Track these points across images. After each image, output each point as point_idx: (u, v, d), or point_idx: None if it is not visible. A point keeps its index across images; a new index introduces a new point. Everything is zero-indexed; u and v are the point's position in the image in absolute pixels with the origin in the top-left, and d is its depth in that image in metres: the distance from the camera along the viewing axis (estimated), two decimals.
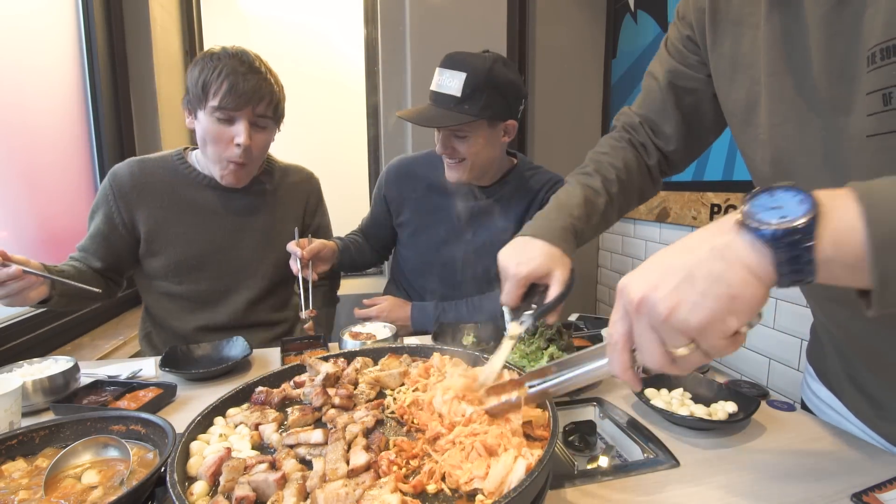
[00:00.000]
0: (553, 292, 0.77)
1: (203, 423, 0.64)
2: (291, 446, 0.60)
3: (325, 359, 0.81)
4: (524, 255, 0.79)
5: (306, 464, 0.58)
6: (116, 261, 1.27)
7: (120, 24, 1.92)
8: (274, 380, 0.78)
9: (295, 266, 1.23)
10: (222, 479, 0.52)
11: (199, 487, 0.52)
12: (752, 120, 0.70)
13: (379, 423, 0.66)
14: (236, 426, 0.66)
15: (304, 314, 1.21)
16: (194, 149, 1.35)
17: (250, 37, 2.69)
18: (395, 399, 0.71)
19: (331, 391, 0.71)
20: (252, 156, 1.23)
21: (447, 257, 1.45)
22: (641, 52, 2.31)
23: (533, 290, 0.81)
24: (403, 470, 0.55)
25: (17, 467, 0.61)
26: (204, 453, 0.58)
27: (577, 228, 0.85)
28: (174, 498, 0.47)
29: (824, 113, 0.59)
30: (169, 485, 0.49)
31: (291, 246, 1.24)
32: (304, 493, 0.52)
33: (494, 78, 1.24)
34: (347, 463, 0.55)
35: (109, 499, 0.51)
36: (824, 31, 0.56)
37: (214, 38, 2.50)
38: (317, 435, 0.60)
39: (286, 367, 0.80)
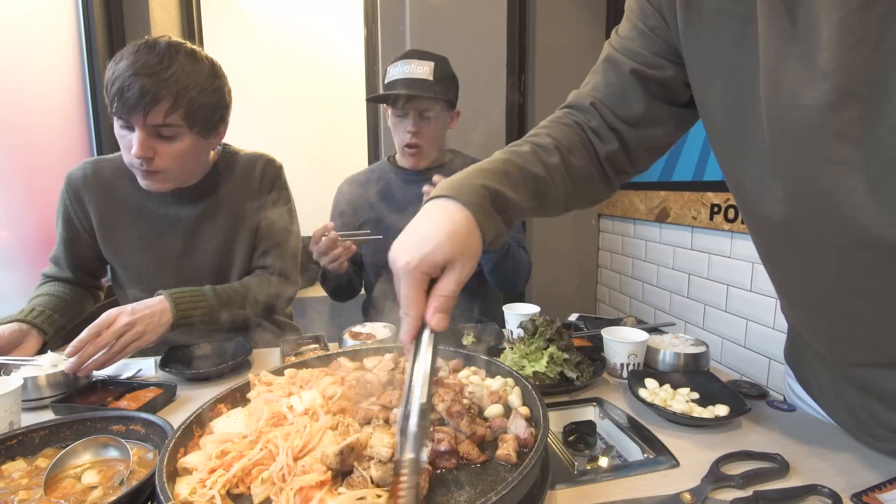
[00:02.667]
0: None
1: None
2: None
3: None
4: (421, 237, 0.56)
5: None
6: (86, 266, 1.25)
7: (120, 24, 1.92)
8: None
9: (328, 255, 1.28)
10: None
11: (185, 486, 0.51)
12: (745, 133, 0.58)
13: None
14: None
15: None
16: None
17: (250, 37, 2.69)
18: None
19: None
20: (160, 167, 1.06)
21: None
22: None
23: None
24: None
25: (17, 467, 0.61)
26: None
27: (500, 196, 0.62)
28: (159, 494, 0.46)
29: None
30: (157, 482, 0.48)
31: (315, 239, 1.27)
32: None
33: (450, 71, 1.47)
34: None
35: (109, 499, 0.51)
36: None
37: (214, 38, 2.50)
38: None
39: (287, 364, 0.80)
